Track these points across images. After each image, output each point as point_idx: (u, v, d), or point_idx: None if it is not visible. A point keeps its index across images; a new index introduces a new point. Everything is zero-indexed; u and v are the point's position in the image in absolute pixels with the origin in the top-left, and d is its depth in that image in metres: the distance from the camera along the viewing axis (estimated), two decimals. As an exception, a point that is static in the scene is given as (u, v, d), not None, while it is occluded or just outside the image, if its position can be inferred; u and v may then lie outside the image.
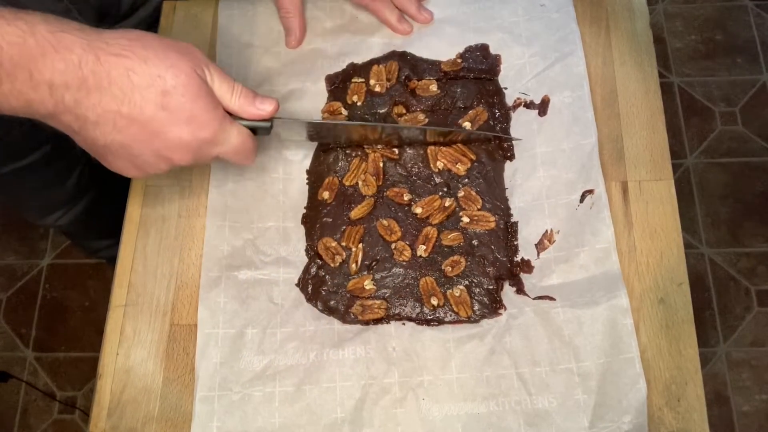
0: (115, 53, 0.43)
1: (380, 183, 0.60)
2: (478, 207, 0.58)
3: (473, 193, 0.59)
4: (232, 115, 0.49)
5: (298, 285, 0.57)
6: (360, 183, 0.60)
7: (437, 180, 0.60)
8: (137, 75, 0.43)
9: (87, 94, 0.42)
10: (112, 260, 0.60)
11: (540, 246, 0.57)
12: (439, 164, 0.60)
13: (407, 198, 0.59)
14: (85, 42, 0.42)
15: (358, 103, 0.63)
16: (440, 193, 0.59)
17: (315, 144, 0.62)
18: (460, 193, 0.59)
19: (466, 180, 0.59)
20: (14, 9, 0.40)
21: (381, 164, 0.60)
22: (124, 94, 0.43)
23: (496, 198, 0.58)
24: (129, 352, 0.56)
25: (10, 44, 0.39)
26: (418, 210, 0.58)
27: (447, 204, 0.58)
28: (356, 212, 0.59)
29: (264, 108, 0.50)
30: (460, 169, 0.59)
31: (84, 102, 0.42)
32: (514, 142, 0.60)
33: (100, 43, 0.43)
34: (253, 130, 0.51)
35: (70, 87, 0.42)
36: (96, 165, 0.50)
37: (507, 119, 0.61)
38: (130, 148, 0.45)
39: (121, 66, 0.43)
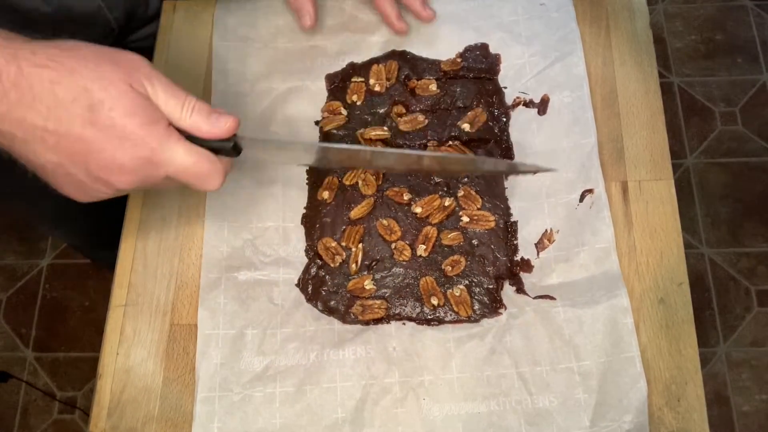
0: (40, 64, 0.39)
1: (380, 182, 0.60)
2: (478, 206, 0.58)
3: (473, 193, 0.59)
4: (187, 135, 0.44)
5: (298, 285, 0.57)
6: (360, 182, 0.60)
7: (437, 179, 0.60)
8: (62, 87, 0.39)
9: (9, 110, 0.39)
10: (113, 266, 0.60)
11: (540, 245, 0.57)
12: (439, 164, 0.60)
13: (407, 197, 0.59)
14: (9, 52, 0.39)
15: (358, 103, 0.63)
16: (440, 193, 0.59)
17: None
18: (460, 193, 0.59)
19: (466, 179, 0.59)
20: None
21: (381, 164, 0.60)
22: (48, 109, 0.39)
23: (495, 197, 0.58)
24: (129, 352, 0.56)
25: None
26: (418, 209, 0.58)
27: (447, 203, 0.58)
28: (356, 212, 0.59)
29: (219, 125, 0.44)
30: (460, 168, 0.59)
31: (7, 117, 0.39)
32: (513, 142, 0.60)
33: (25, 52, 0.39)
34: (217, 151, 0.45)
35: None
36: None
37: (506, 119, 0.61)
38: (66, 168, 0.42)
39: (45, 78, 0.39)
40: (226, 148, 0.45)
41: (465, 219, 0.58)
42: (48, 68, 0.39)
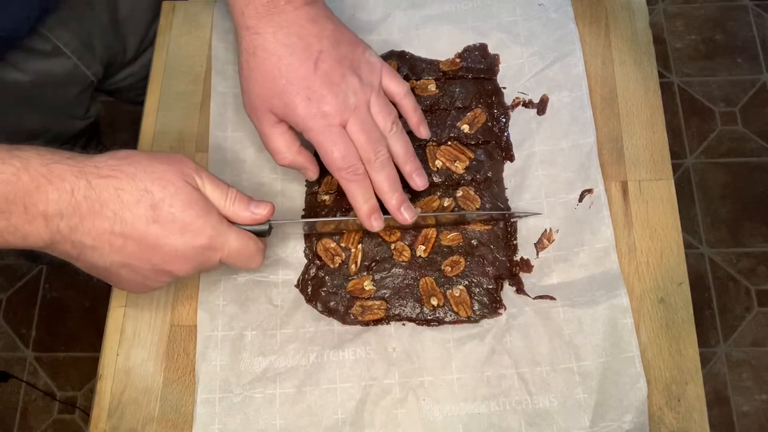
0: (105, 175, 0.43)
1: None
2: (477, 206, 0.58)
3: (471, 193, 0.58)
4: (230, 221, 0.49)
5: (297, 286, 0.57)
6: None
7: (436, 179, 0.59)
8: (126, 192, 0.44)
9: (81, 220, 0.43)
10: None
11: (539, 245, 0.57)
12: (438, 163, 0.60)
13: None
14: (77, 169, 0.43)
15: (358, 104, 0.62)
16: (438, 193, 0.59)
17: (311, 150, 0.62)
18: (459, 193, 0.59)
19: (465, 178, 0.59)
20: (9, 146, 0.42)
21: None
22: (115, 213, 0.43)
23: (495, 197, 0.58)
24: (129, 353, 0.56)
25: (5, 183, 0.40)
26: (417, 210, 0.58)
27: (446, 204, 0.58)
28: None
29: (258, 212, 0.49)
30: (459, 167, 0.59)
31: (79, 228, 0.43)
32: (513, 141, 0.60)
33: (90, 168, 0.43)
34: (254, 233, 0.50)
35: (64, 215, 0.42)
36: None
37: (506, 119, 0.61)
38: (130, 266, 0.45)
39: (111, 186, 0.43)
40: (262, 231, 0.50)
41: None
42: (112, 177, 0.43)
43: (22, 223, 0.42)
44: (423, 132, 0.57)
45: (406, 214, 0.53)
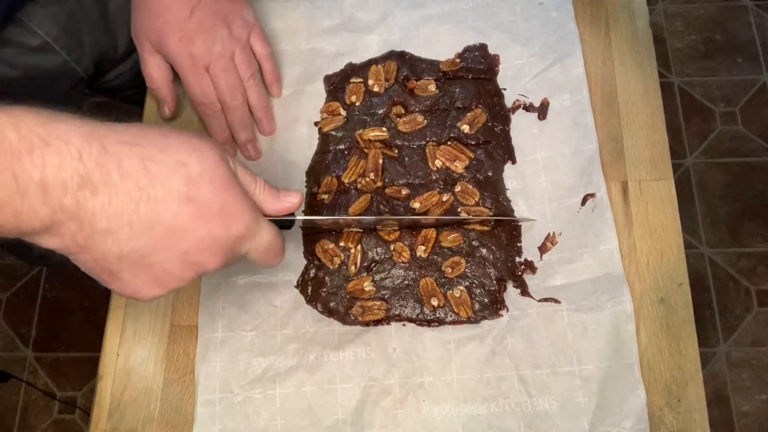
0: (126, 141, 0.35)
1: (379, 180, 0.59)
2: (476, 199, 0.58)
3: (470, 187, 0.58)
4: None
5: (297, 287, 0.57)
6: (358, 180, 0.59)
7: (435, 177, 0.59)
8: (155, 163, 0.36)
9: (92, 194, 0.34)
10: None
11: (542, 248, 0.56)
12: (438, 162, 0.60)
13: (405, 192, 0.58)
14: (86, 130, 0.34)
15: (357, 104, 0.62)
16: (438, 189, 0.59)
17: (312, 150, 0.62)
18: (457, 188, 0.58)
19: (465, 177, 0.59)
20: None
21: (380, 161, 0.60)
22: (140, 189, 0.35)
23: (496, 196, 0.58)
24: (129, 353, 0.56)
25: None
26: (417, 205, 0.58)
27: (445, 199, 0.58)
28: (354, 208, 0.58)
29: (289, 200, 0.44)
30: (459, 166, 0.59)
31: (89, 204, 0.34)
32: (514, 145, 0.60)
33: (104, 130, 0.35)
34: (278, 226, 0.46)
35: (68, 187, 0.33)
36: None
37: (506, 121, 0.61)
38: (151, 257, 0.37)
39: (135, 155, 0.35)
40: (287, 223, 0.46)
41: (463, 214, 0.58)
42: (136, 145, 0.35)
43: (11, 196, 0.32)
44: (275, 91, 0.64)
45: (251, 151, 0.61)
